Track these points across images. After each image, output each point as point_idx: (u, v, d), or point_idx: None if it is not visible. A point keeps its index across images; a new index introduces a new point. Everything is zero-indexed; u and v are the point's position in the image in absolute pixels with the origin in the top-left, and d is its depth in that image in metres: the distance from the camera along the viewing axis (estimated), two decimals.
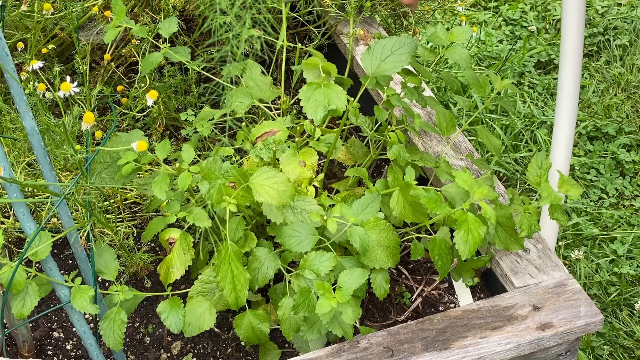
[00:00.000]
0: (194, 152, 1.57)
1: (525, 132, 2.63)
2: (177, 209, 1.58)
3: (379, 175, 2.10)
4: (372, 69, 1.67)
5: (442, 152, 1.90)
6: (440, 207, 1.50)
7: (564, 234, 2.32)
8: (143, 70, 1.80)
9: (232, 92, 1.75)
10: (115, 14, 1.73)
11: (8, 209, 1.88)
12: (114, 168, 1.57)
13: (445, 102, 2.70)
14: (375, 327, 1.75)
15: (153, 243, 1.93)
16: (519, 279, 1.64)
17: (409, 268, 1.88)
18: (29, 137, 1.39)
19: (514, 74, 2.88)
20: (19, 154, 1.88)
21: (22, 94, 1.35)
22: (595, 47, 3.05)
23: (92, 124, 1.49)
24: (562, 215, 1.62)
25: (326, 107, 1.57)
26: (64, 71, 2.15)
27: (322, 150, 1.70)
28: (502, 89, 1.81)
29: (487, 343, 1.51)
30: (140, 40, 2.15)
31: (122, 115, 2.14)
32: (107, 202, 1.90)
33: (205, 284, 1.58)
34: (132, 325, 1.78)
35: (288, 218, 1.55)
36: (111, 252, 1.55)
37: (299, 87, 1.97)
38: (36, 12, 1.97)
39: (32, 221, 1.40)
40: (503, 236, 1.63)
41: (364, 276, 1.47)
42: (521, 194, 1.94)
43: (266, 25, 1.33)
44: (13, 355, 1.67)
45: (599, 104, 2.75)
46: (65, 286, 1.46)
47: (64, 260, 1.89)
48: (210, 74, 1.94)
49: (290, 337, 1.55)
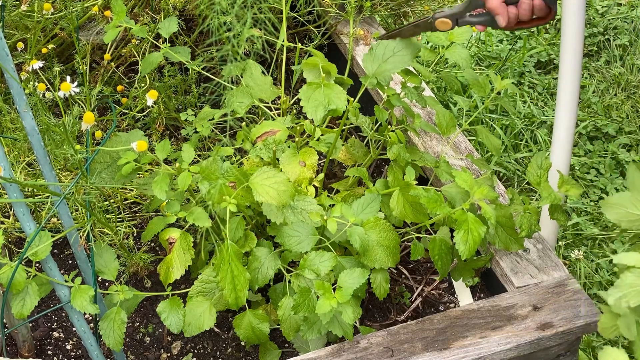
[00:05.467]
0: (194, 152, 1.57)
1: (525, 132, 2.63)
2: (177, 209, 1.58)
3: (379, 175, 2.10)
4: (373, 69, 1.67)
5: (442, 152, 1.90)
6: (440, 207, 1.50)
7: (564, 234, 2.32)
8: (143, 70, 1.80)
9: (232, 91, 1.75)
10: (115, 13, 1.73)
11: (8, 209, 1.88)
12: (114, 168, 1.57)
13: (445, 102, 2.70)
14: (375, 327, 1.75)
15: (153, 243, 1.93)
16: (519, 278, 1.64)
17: (409, 268, 1.88)
18: (29, 137, 1.39)
19: (514, 74, 2.88)
20: (19, 154, 1.88)
21: (22, 94, 1.35)
22: (595, 47, 3.05)
23: (92, 124, 1.49)
24: (562, 215, 1.62)
25: (326, 107, 1.57)
26: (64, 71, 2.15)
27: (322, 150, 1.70)
28: (502, 88, 1.81)
29: (487, 343, 1.51)
30: (140, 40, 2.15)
31: (122, 115, 2.14)
32: (107, 202, 1.90)
33: (205, 284, 1.58)
34: (132, 325, 1.78)
35: (288, 218, 1.55)
36: (111, 252, 1.55)
37: (299, 87, 1.97)
38: (36, 12, 1.97)
39: (32, 221, 1.40)
40: (503, 236, 1.63)
41: (364, 276, 1.47)
42: (521, 194, 1.94)
43: (267, 25, 1.33)
44: (13, 355, 1.67)
45: (599, 103, 2.75)
46: (65, 286, 1.46)
47: (64, 260, 1.89)
48: (210, 73, 1.94)
49: (290, 337, 1.55)
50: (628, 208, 1.13)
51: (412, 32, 1.75)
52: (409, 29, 1.76)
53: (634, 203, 1.12)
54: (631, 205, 1.12)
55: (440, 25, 1.69)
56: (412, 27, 1.76)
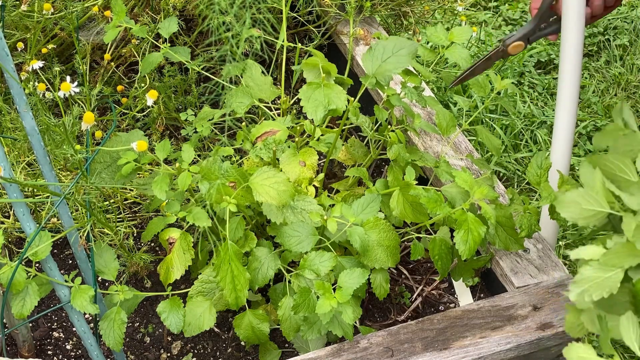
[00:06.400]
0: (194, 152, 1.57)
1: (525, 132, 2.63)
2: (177, 208, 1.58)
3: (379, 175, 2.10)
4: (372, 69, 1.67)
5: (442, 152, 1.90)
6: (440, 207, 1.50)
7: (564, 234, 2.32)
8: (143, 70, 1.80)
9: (232, 92, 1.75)
10: (115, 13, 1.73)
11: (8, 209, 1.88)
12: (114, 168, 1.57)
13: (445, 102, 2.70)
14: (375, 327, 1.75)
15: (153, 243, 1.93)
16: (519, 278, 1.64)
17: (409, 268, 1.88)
18: (29, 137, 1.39)
19: (514, 74, 2.88)
20: (19, 154, 1.88)
21: (22, 94, 1.35)
22: (595, 47, 3.05)
23: (92, 124, 1.49)
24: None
25: (326, 107, 1.57)
26: (64, 71, 2.15)
27: (322, 150, 1.70)
28: (502, 88, 1.81)
29: (487, 343, 1.51)
30: (140, 40, 2.15)
31: (122, 115, 2.14)
32: (107, 202, 1.90)
33: (205, 284, 1.58)
34: (132, 325, 1.78)
35: (288, 218, 1.55)
36: (111, 252, 1.55)
37: (299, 87, 1.97)
38: (36, 12, 1.97)
39: (32, 221, 1.40)
40: (503, 236, 1.63)
41: (364, 276, 1.47)
42: (521, 194, 1.93)
43: (266, 25, 1.33)
44: (13, 355, 1.67)
45: (599, 103, 2.75)
46: (65, 286, 1.46)
47: (64, 260, 1.89)
48: (210, 73, 1.94)
49: (290, 337, 1.55)
50: (582, 204, 1.10)
51: (485, 67, 1.76)
52: (480, 65, 1.76)
53: (587, 199, 1.09)
54: (585, 201, 1.10)
55: (513, 50, 1.69)
56: (483, 62, 1.76)
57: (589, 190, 1.09)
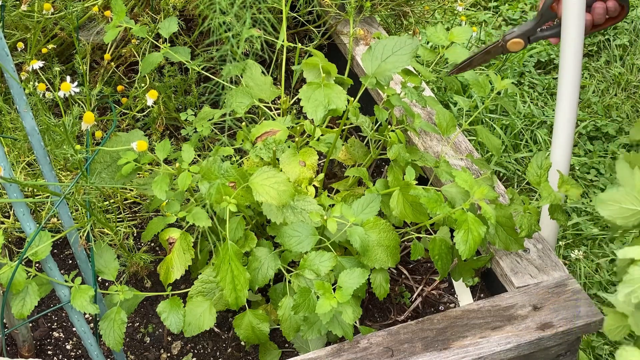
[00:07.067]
0: (194, 152, 1.57)
1: (525, 132, 2.63)
2: (177, 208, 1.58)
3: (379, 175, 2.10)
4: (372, 69, 1.67)
5: (442, 152, 1.90)
6: (440, 207, 1.50)
7: (564, 234, 2.32)
8: (143, 70, 1.80)
9: (232, 91, 1.75)
10: (115, 13, 1.73)
11: (8, 209, 1.88)
12: (114, 168, 1.57)
13: (445, 102, 2.70)
14: (375, 327, 1.75)
15: (153, 243, 1.93)
16: (519, 278, 1.64)
17: (409, 268, 1.88)
18: (29, 137, 1.39)
19: (514, 74, 2.88)
20: (19, 154, 1.88)
21: (22, 94, 1.35)
22: (595, 47, 3.05)
23: (92, 124, 1.49)
24: (562, 215, 1.62)
25: (326, 107, 1.57)
26: (64, 71, 2.15)
27: (322, 150, 1.70)
28: (502, 88, 1.81)
29: (487, 343, 1.51)
30: (140, 40, 2.15)
31: (122, 115, 2.14)
32: (107, 202, 1.90)
33: (205, 284, 1.58)
34: (132, 325, 1.78)
35: (288, 218, 1.55)
36: (111, 252, 1.55)
37: (299, 87, 1.97)
38: (36, 12, 1.97)
39: (32, 221, 1.40)
40: (503, 236, 1.63)
41: (364, 276, 1.47)
42: (521, 194, 1.93)
43: (266, 25, 1.33)
44: (13, 355, 1.67)
45: (599, 103, 2.75)
46: (65, 286, 1.46)
47: (64, 260, 1.89)
48: (210, 73, 1.94)
49: (290, 337, 1.55)
50: (622, 203, 1.09)
51: (483, 60, 1.75)
52: (479, 57, 1.76)
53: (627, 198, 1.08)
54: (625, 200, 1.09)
55: (512, 46, 1.68)
56: (482, 55, 1.76)
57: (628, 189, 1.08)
